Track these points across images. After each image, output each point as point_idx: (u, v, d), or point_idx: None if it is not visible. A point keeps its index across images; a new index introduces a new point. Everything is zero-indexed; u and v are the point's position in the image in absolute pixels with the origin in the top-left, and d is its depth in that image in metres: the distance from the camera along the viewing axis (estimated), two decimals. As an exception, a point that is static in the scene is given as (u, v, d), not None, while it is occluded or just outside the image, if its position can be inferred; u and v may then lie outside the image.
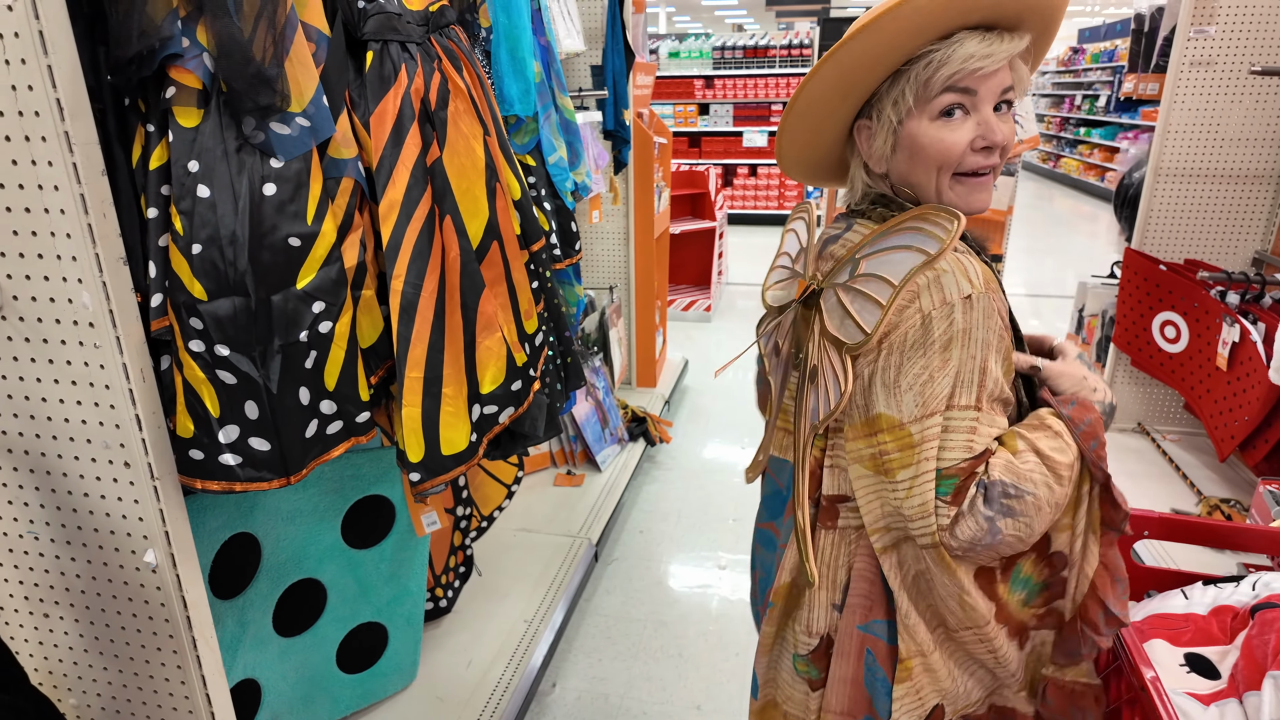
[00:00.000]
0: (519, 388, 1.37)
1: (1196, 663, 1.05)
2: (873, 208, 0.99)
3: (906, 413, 0.88)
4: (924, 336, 0.86)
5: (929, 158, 0.92)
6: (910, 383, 0.87)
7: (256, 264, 1.00)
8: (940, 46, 0.89)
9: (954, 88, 0.89)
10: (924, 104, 0.91)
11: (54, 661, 1.25)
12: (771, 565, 1.11)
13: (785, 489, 1.08)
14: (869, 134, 0.97)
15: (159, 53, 0.95)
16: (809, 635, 1.02)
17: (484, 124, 1.32)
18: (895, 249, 0.90)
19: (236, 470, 1.05)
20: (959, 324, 0.86)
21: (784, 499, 1.08)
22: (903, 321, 0.87)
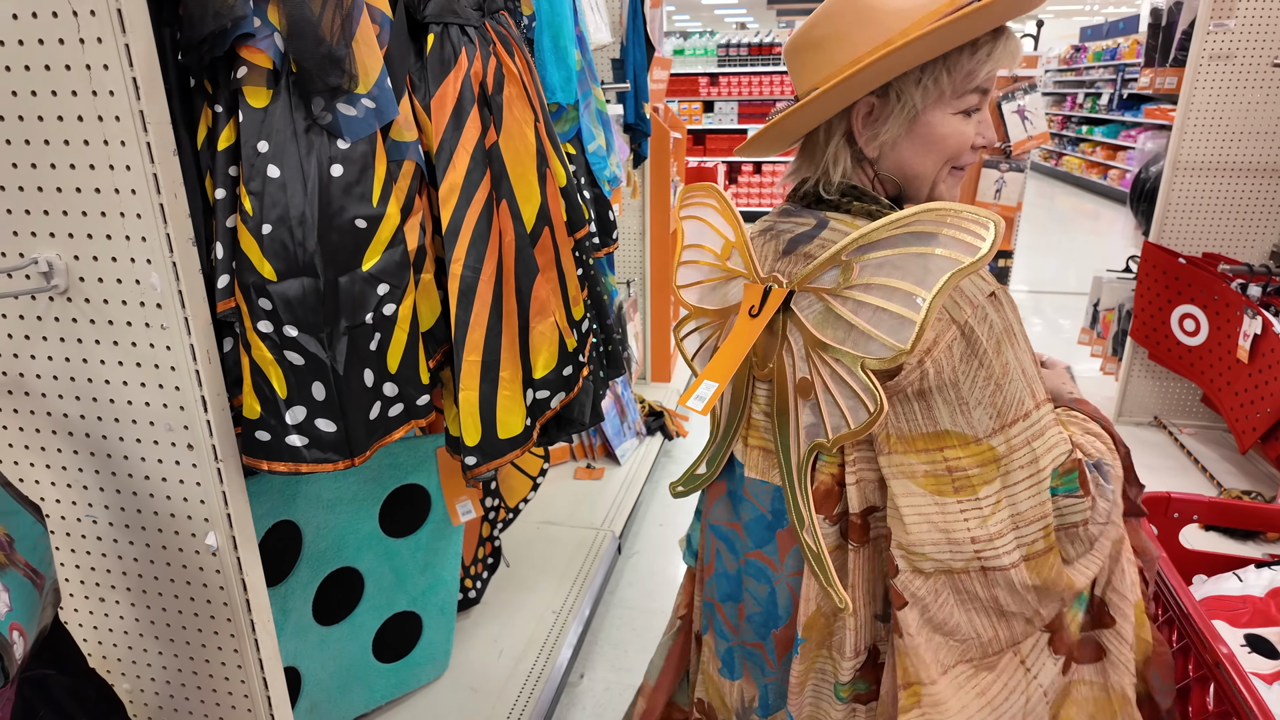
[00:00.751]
0: (570, 373, 1.37)
1: (1257, 643, 1.06)
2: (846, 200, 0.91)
3: (981, 428, 0.83)
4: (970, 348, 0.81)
5: (944, 149, 0.88)
6: (979, 398, 0.82)
7: (325, 245, 1.01)
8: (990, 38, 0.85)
9: (981, 87, 0.87)
10: (958, 96, 0.87)
11: (110, 645, 1.24)
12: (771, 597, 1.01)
13: (770, 514, 0.99)
14: (874, 115, 0.89)
15: (231, 32, 0.95)
16: (855, 656, 0.94)
17: (534, 109, 1.33)
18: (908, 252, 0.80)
19: (303, 451, 1.05)
20: (998, 324, 0.82)
21: (770, 524, 0.99)
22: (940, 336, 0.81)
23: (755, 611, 1.04)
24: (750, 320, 0.91)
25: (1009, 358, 0.82)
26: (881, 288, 0.81)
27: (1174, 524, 1.28)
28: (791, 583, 0.97)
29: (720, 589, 1.09)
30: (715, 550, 1.09)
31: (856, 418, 0.83)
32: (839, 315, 0.84)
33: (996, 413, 0.82)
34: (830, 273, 0.85)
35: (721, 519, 1.07)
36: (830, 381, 0.86)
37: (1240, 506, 1.27)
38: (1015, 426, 0.83)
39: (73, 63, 0.92)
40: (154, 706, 1.28)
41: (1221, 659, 0.90)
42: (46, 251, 1.01)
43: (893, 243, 0.81)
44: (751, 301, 0.91)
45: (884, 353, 0.80)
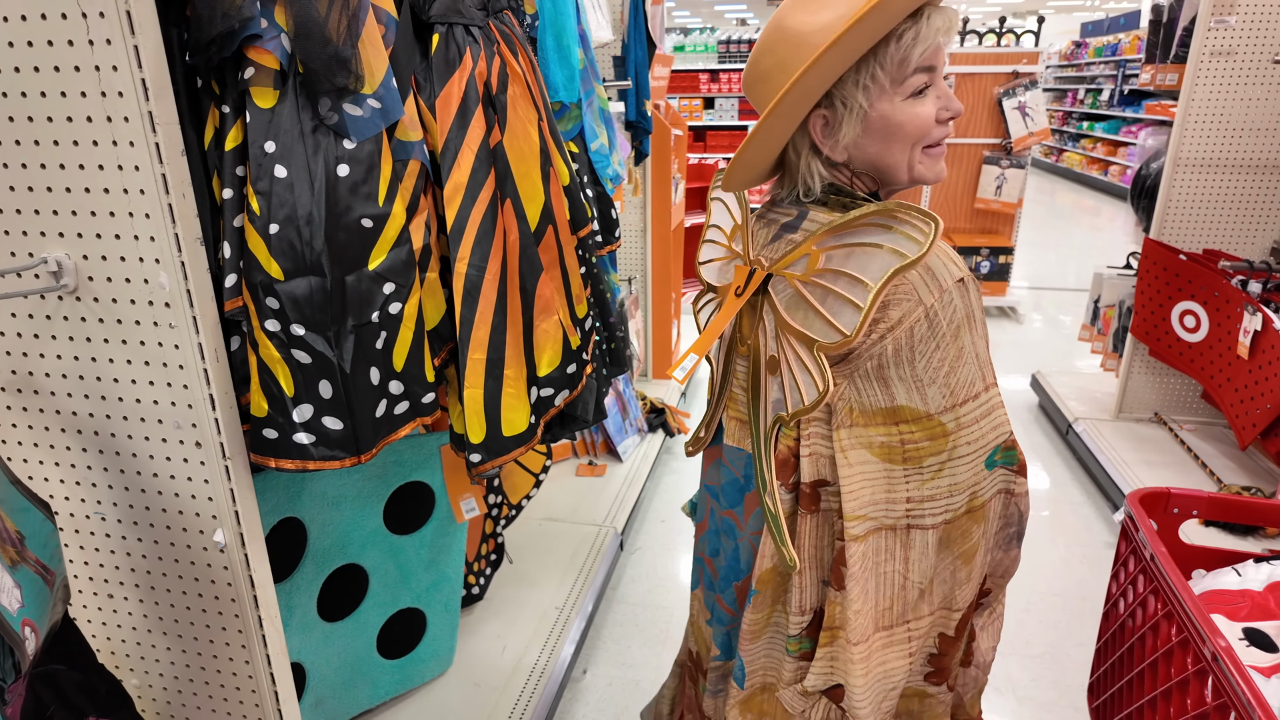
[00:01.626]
0: (573, 371, 1.38)
1: (1255, 637, 1.07)
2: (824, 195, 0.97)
3: (934, 404, 0.89)
4: (931, 330, 0.87)
5: (906, 135, 0.92)
6: (932, 376, 0.88)
7: (332, 244, 1.01)
8: (909, 24, 0.87)
9: (922, 67, 0.90)
10: (898, 84, 0.90)
11: (119, 640, 1.26)
12: (735, 553, 1.12)
13: (743, 478, 1.08)
14: (828, 125, 0.94)
15: (238, 34, 0.96)
16: (801, 614, 1.03)
17: (538, 108, 1.33)
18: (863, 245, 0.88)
19: (310, 449, 1.06)
20: (961, 309, 0.88)
21: (741, 488, 1.08)
22: (906, 317, 0.87)
23: (722, 565, 1.15)
24: (734, 299, 1.00)
25: (965, 342, 0.89)
26: (841, 277, 0.89)
27: (1173, 519, 1.29)
28: (753, 540, 1.07)
29: (710, 544, 1.20)
30: (709, 508, 1.20)
31: (809, 395, 0.92)
32: (804, 300, 0.92)
33: (950, 391, 0.89)
34: (801, 260, 0.93)
35: (714, 480, 1.17)
36: (792, 360, 0.94)
37: (1239, 502, 1.28)
38: (966, 405, 0.90)
39: (82, 64, 0.93)
40: (162, 701, 1.29)
41: (1220, 652, 0.91)
42: (56, 251, 1.02)
43: (852, 235, 0.89)
44: (739, 281, 1.00)
45: (834, 337, 0.88)
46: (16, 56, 0.94)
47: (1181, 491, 1.28)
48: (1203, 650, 0.95)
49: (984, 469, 0.92)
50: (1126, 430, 3.20)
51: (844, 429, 0.93)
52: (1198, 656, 0.97)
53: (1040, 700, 2.07)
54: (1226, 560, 1.29)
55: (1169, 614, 1.06)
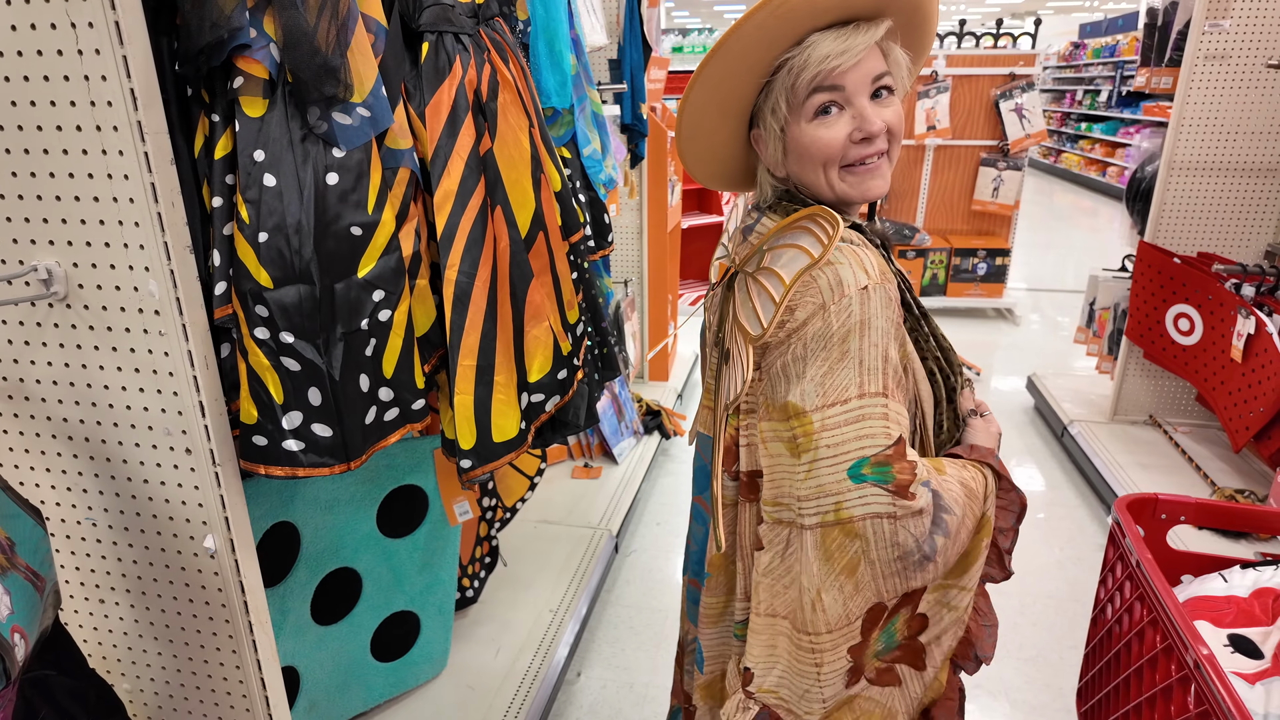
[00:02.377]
0: (564, 376, 1.39)
1: (1240, 643, 1.08)
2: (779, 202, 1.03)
3: (809, 402, 0.91)
4: (825, 331, 0.90)
5: (813, 157, 0.95)
6: (812, 374, 0.91)
7: (321, 252, 1.02)
8: (795, 53, 0.91)
9: (820, 88, 0.91)
10: (797, 109, 0.94)
11: (109, 646, 1.26)
12: (704, 538, 1.16)
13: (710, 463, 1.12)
14: (761, 143, 1.01)
15: (228, 43, 0.96)
16: (744, 598, 1.06)
17: (529, 115, 1.34)
18: (788, 246, 0.94)
19: (300, 456, 1.07)
20: (856, 315, 0.89)
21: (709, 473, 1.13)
22: (810, 318, 0.90)
23: (694, 550, 1.19)
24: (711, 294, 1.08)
25: (851, 346, 0.90)
26: (771, 275, 0.94)
27: (1161, 525, 1.30)
28: None
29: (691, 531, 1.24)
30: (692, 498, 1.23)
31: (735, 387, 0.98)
32: (748, 296, 0.97)
33: (822, 391, 0.90)
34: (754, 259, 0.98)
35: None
36: (735, 352, 0.99)
37: (1226, 508, 1.28)
38: (834, 408, 0.90)
39: (71, 74, 0.93)
40: (153, 706, 1.29)
41: (1201, 660, 0.91)
42: (46, 259, 1.03)
43: (786, 237, 0.94)
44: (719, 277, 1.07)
45: (756, 330, 0.94)
46: (6, 66, 0.94)
47: (1169, 497, 1.29)
48: (1186, 658, 0.96)
49: (848, 479, 0.89)
50: (1121, 433, 3.20)
51: (764, 422, 0.97)
52: (1181, 664, 0.98)
53: (1033, 703, 2.08)
54: (1214, 566, 1.30)
55: (1154, 620, 1.07)
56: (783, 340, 0.93)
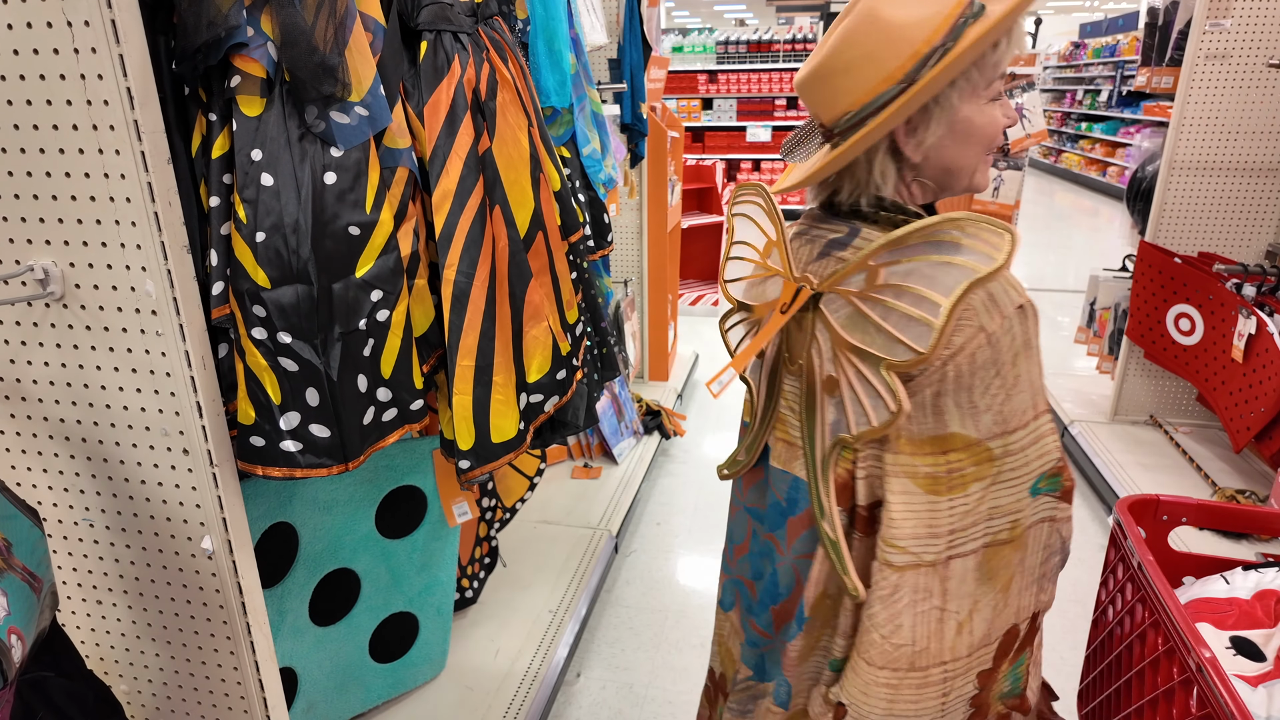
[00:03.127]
0: (563, 377, 1.38)
1: (1242, 645, 1.07)
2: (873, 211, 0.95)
3: (984, 431, 0.87)
4: (994, 356, 0.85)
5: (983, 138, 0.92)
6: (988, 404, 0.86)
7: (319, 252, 1.01)
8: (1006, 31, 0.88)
9: (1003, 73, 0.91)
10: (985, 87, 0.90)
11: (107, 647, 1.26)
12: (774, 576, 1.08)
13: (785, 502, 1.03)
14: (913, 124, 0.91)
15: (225, 42, 0.96)
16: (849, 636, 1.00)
17: (528, 115, 1.33)
18: (929, 260, 0.84)
19: (297, 457, 1.06)
20: (1019, 337, 0.85)
21: (784, 511, 1.04)
22: (968, 343, 0.84)
23: (763, 588, 1.12)
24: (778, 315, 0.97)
25: (1021, 370, 0.86)
26: (907, 293, 0.85)
27: (1162, 526, 1.29)
28: (796, 565, 1.03)
29: (752, 566, 1.15)
30: (751, 530, 1.15)
31: (879, 416, 0.88)
32: (865, 317, 0.88)
33: (1002, 419, 0.86)
34: (858, 276, 0.90)
35: (755, 502, 1.13)
36: (855, 380, 0.90)
37: (1227, 509, 1.28)
38: (1016, 433, 0.87)
39: (68, 72, 0.93)
40: (151, 708, 1.29)
41: (1204, 663, 0.91)
42: (43, 258, 1.02)
43: (917, 250, 0.85)
44: (785, 299, 0.97)
45: (905, 355, 0.84)
46: (3, 65, 0.94)
47: (1170, 499, 1.28)
48: (1188, 660, 0.95)
49: (1028, 496, 0.89)
50: (1122, 433, 3.20)
51: (889, 454, 0.91)
52: (1183, 666, 0.97)
53: (1033, 704, 2.07)
54: (1216, 567, 1.29)
55: (1155, 623, 1.06)
56: (937, 369, 0.85)
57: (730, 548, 1.21)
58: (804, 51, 7.90)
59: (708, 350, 4.64)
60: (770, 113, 8.13)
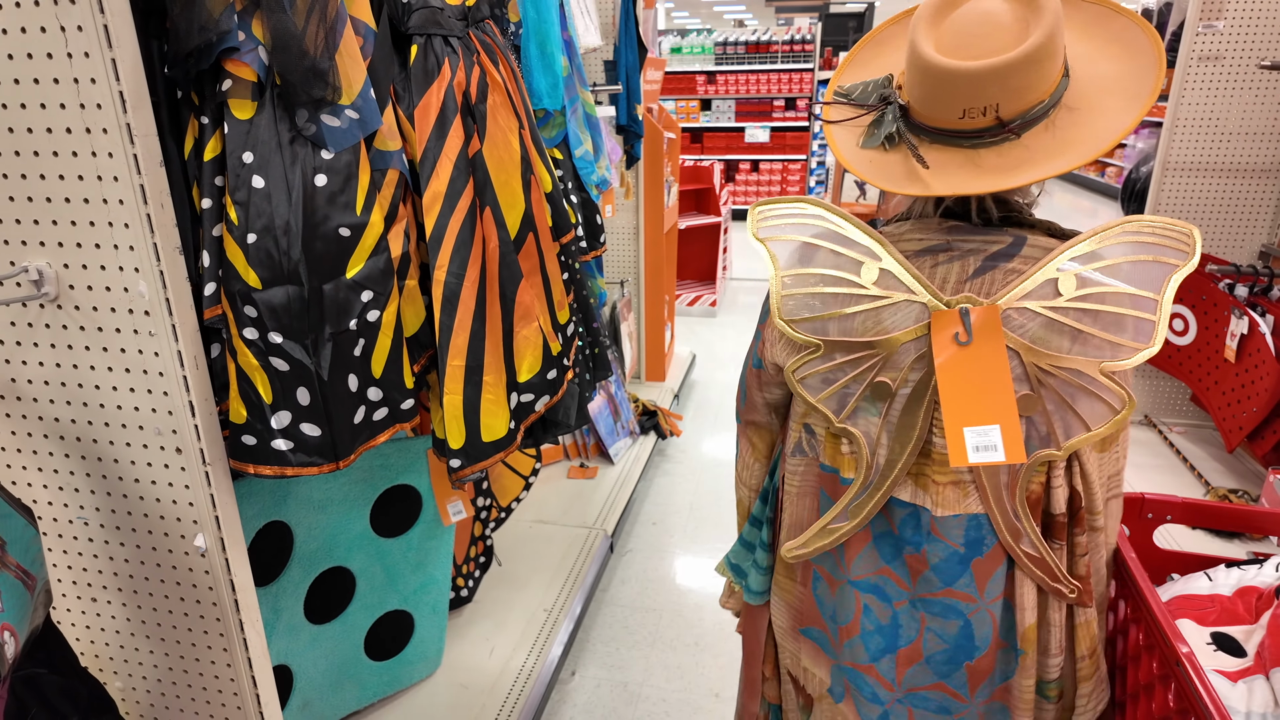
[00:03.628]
0: (554, 376, 1.39)
1: (1223, 641, 1.08)
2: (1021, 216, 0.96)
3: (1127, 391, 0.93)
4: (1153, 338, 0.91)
5: None
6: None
7: (309, 253, 1.03)
8: None
9: None
10: None
11: (101, 644, 1.27)
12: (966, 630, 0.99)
13: (966, 547, 0.96)
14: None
15: (216, 46, 0.97)
16: (1059, 653, 0.99)
17: (519, 117, 1.35)
18: (1131, 261, 0.87)
19: (288, 455, 1.07)
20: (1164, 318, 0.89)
21: (964, 558, 0.96)
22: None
23: (938, 650, 1.01)
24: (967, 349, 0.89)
25: None
26: (1114, 296, 0.86)
27: (1148, 524, 1.30)
28: (992, 609, 0.97)
29: (871, 647, 1.04)
30: (860, 606, 1.04)
31: (1098, 420, 0.89)
32: (1063, 325, 0.87)
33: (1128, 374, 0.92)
34: (1043, 286, 0.87)
35: (866, 571, 1.02)
36: (1062, 392, 0.88)
37: (1212, 507, 1.29)
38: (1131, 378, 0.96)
39: (61, 76, 0.94)
40: (145, 705, 1.30)
41: (1181, 658, 0.92)
42: (37, 260, 1.04)
43: (1111, 253, 0.87)
44: (950, 328, 0.89)
45: (1129, 355, 0.86)
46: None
47: (1155, 496, 1.29)
48: (1166, 655, 0.97)
49: None
50: (1117, 433, 3.21)
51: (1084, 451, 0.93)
52: (1162, 662, 0.99)
53: (1025, 702, 2.08)
54: (1201, 565, 1.30)
55: (1137, 619, 1.07)
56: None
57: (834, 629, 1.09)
58: (802, 52, 7.90)
59: (704, 351, 4.65)
60: (769, 114, 8.15)
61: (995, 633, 0.98)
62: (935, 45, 0.86)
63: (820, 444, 1.02)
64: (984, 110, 0.85)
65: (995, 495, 0.93)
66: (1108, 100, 0.88)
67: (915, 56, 0.87)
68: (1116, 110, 0.87)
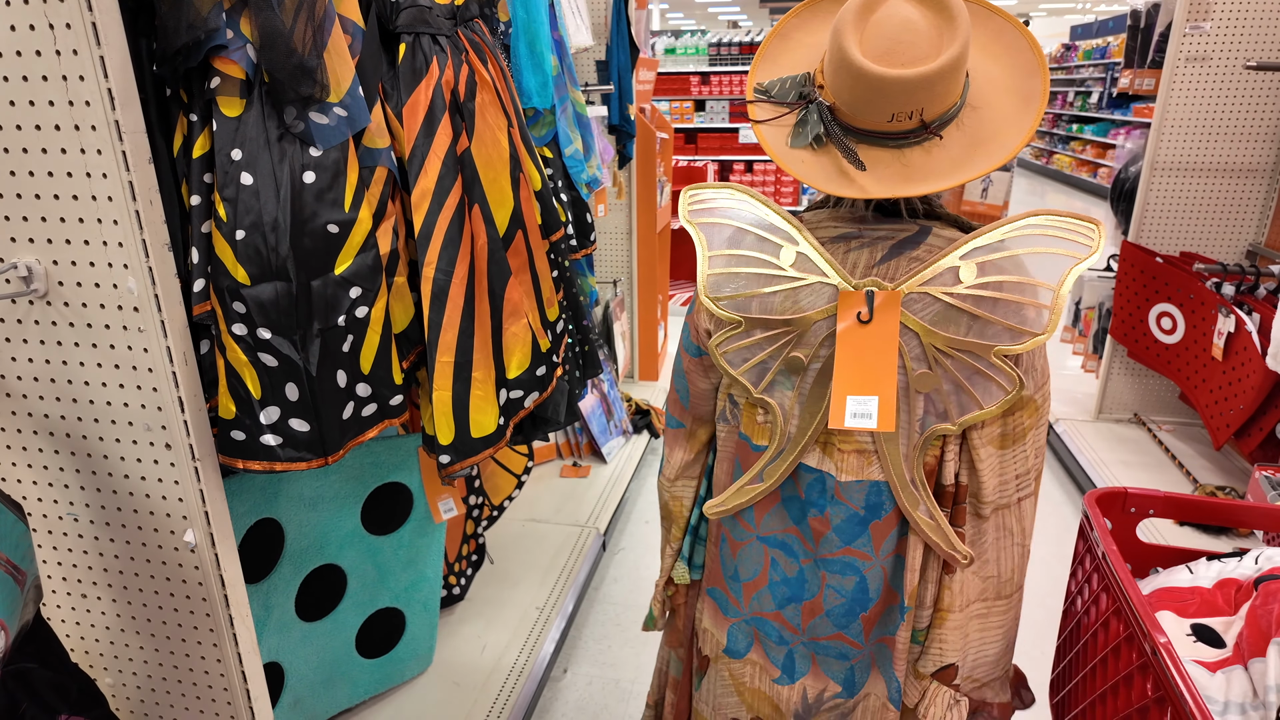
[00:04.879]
0: (543, 373, 1.40)
1: (1203, 633, 1.10)
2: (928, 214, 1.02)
3: (1035, 387, 0.99)
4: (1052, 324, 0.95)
5: None
6: (1039, 365, 1.00)
7: (298, 250, 1.03)
8: None
9: None
10: None
11: (91, 640, 1.27)
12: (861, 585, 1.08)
13: (866, 510, 1.04)
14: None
15: (205, 44, 0.98)
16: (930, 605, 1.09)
17: (508, 115, 1.36)
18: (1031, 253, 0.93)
19: (277, 450, 1.08)
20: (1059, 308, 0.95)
21: (863, 519, 1.04)
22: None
23: (837, 604, 1.10)
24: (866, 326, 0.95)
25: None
26: (1013, 285, 0.93)
27: (1130, 518, 1.32)
28: (885, 565, 1.08)
29: (777, 596, 1.13)
30: (769, 560, 1.12)
31: (990, 399, 0.96)
32: (960, 311, 0.94)
33: (1043, 376, 1.01)
34: (944, 274, 0.94)
35: (775, 528, 1.11)
36: (958, 372, 0.95)
37: (1194, 501, 1.30)
38: (1047, 384, 1.02)
39: (50, 74, 0.95)
40: (135, 700, 1.31)
41: (1159, 647, 0.93)
42: (26, 256, 1.04)
43: (1013, 245, 0.93)
44: (855, 308, 0.96)
45: (1022, 340, 0.93)
46: (-15, 66, 0.96)
47: (1138, 491, 1.31)
48: (1145, 646, 0.98)
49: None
50: (1106, 431, 3.23)
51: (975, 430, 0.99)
52: (1141, 652, 1.00)
53: (1014, 698, 2.10)
54: (1184, 559, 1.32)
55: (1117, 610, 1.09)
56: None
57: (737, 588, 1.16)
58: (796, 53, 7.92)
59: (698, 350, 4.67)
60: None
61: (885, 585, 1.09)
62: (861, 50, 0.89)
63: (740, 413, 1.09)
64: (910, 114, 0.91)
65: (894, 464, 1.00)
66: (1004, 99, 0.96)
67: (845, 61, 0.89)
68: (1014, 110, 0.95)
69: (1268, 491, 2.10)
